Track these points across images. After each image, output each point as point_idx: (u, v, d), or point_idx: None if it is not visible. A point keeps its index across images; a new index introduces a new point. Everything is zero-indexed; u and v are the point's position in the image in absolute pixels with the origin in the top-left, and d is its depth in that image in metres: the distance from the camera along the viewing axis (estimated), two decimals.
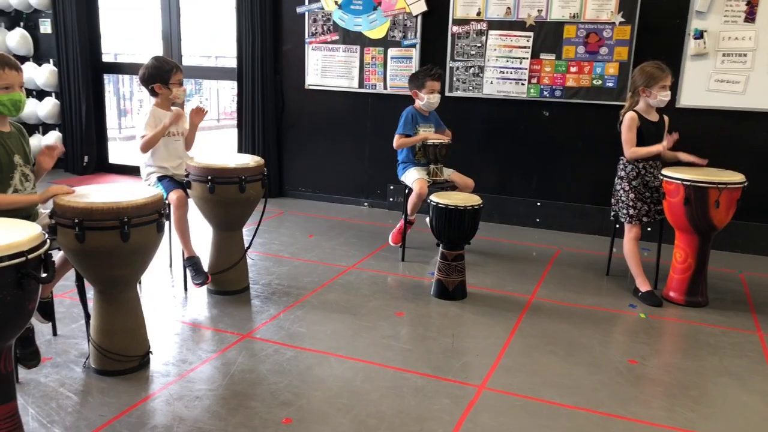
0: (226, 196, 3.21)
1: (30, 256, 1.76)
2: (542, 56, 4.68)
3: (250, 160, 3.38)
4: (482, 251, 4.27)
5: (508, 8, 4.70)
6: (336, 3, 5.17)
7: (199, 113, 3.59)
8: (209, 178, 3.18)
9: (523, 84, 4.77)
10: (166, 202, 3.26)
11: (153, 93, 3.50)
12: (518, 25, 4.70)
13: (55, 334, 2.85)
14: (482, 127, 4.99)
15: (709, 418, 2.38)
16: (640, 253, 3.60)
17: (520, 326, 3.12)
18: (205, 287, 3.39)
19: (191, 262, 3.38)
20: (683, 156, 3.52)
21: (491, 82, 4.85)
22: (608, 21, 4.47)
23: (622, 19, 4.43)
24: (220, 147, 9.05)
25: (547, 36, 4.64)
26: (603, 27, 4.49)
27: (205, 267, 3.40)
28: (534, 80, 4.74)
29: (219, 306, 3.27)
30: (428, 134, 4.06)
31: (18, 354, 2.45)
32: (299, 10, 5.31)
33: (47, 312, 2.82)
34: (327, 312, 3.23)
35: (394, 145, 4.11)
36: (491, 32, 4.78)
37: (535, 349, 2.89)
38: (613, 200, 3.69)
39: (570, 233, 4.80)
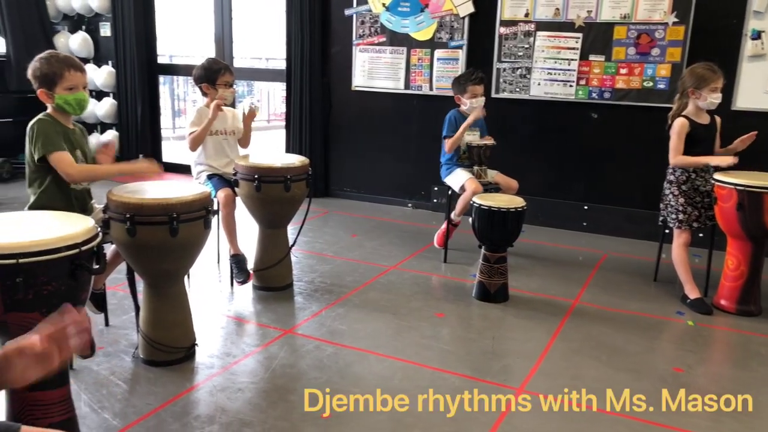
0: (272, 195, 3.28)
1: (83, 248, 1.86)
2: (591, 57, 4.61)
3: (295, 160, 3.44)
4: (526, 254, 4.23)
5: (557, 9, 4.64)
6: (383, 5, 5.21)
7: (250, 115, 3.68)
8: (256, 177, 3.25)
9: (571, 86, 4.70)
10: (215, 199, 3.35)
11: (203, 93, 3.61)
12: (567, 26, 4.64)
13: (107, 324, 2.98)
14: (529, 129, 4.94)
15: (756, 429, 2.30)
16: (691, 259, 3.51)
17: (563, 330, 3.09)
18: (250, 283, 3.47)
19: (236, 260, 3.46)
20: (736, 145, 3.44)
21: (538, 84, 4.80)
22: (661, 21, 4.36)
23: (676, 20, 4.32)
24: (269, 147, 9.22)
25: (597, 37, 4.57)
26: (655, 27, 4.39)
27: (251, 263, 3.49)
28: (582, 82, 4.67)
29: (263, 302, 3.35)
30: (467, 123, 3.95)
31: None
32: (347, 12, 5.38)
33: (100, 303, 2.94)
34: (368, 311, 3.26)
35: (446, 149, 4.06)
36: (539, 33, 4.73)
37: (576, 354, 2.85)
38: (661, 205, 3.60)
39: (617, 238, 4.70)
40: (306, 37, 5.45)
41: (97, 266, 1.94)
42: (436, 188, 5.29)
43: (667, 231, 3.66)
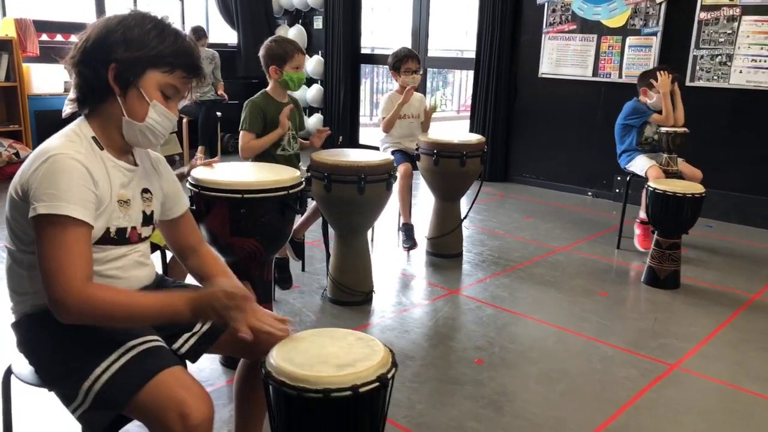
0: (448, 169, 3.57)
1: (290, 191, 2.30)
2: None
3: (472, 137, 3.70)
4: (710, 248, 4.05)
5: None
6: None
7: (431, 110, 3.99)
8: (435, 151, 3.57)
9: None
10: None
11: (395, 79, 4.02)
12: None
13: (303, 270, 3.50)
14: (726, 119, 4.67)
15: None
16: None
17: (734, 321, 2.99)
18: (423, 249, 3.82)
19: (405, 228, 3.84)
20: None
21: (740, 72, 4.52)
22: None
23: None
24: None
25: None
26: None
27: (426, 231, 3.83)
28: None
29: (433, 266, 3.67)
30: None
31: (276, 277, 3.10)
32: (540, 1, 5.48)
33: (299, 252, 3.47)
34: (531, 283, 3.43)
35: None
36: (745, 18, 4.45)
37: (745, 343, 2.76)
38: None
39: None
40: (497, 25, 5.65)
41: (300, 208, 2.38)
42: (618, 178, 5.20)
43: None
